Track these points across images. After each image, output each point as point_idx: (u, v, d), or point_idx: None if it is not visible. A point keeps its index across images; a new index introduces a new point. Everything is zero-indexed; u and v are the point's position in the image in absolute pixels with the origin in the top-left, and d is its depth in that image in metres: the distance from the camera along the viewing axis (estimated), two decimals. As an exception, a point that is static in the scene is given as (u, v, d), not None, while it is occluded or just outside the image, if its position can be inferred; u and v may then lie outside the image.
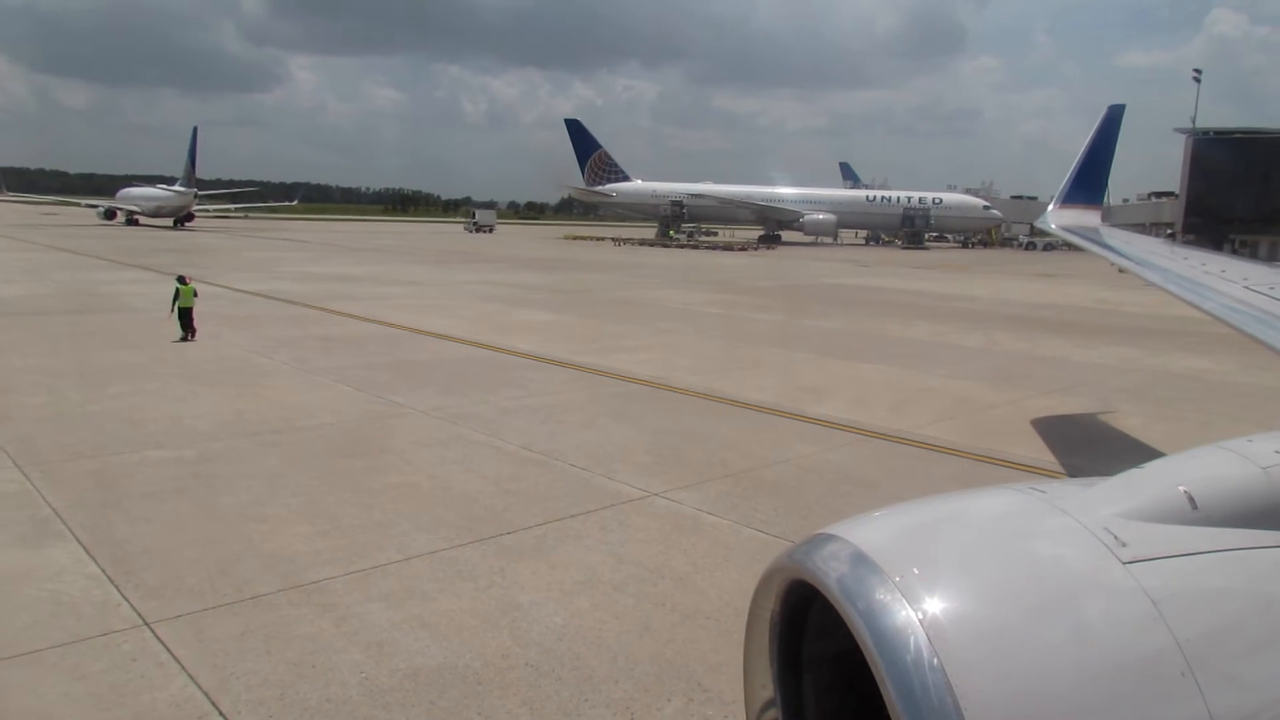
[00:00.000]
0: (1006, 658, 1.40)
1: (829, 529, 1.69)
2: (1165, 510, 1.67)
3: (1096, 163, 12.42)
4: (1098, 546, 1.57)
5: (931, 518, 1.82)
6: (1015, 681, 1.37)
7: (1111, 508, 1.67)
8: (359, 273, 36.05)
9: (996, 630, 1.44)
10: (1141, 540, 1.58)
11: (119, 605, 5.95)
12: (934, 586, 1.49)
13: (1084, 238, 11.36)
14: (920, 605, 1.45)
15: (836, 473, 9.72)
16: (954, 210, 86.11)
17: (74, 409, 11.41)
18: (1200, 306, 6.73)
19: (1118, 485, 1.78)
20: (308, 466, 9.25)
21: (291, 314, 21.80)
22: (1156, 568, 1.53)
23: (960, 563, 1.59)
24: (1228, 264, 8.06)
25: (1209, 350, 20.46)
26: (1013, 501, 1.77)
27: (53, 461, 9.07)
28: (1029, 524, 1.69)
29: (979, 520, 1.77)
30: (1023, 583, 1.53)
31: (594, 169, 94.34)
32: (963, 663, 1.37)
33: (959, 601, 1.48)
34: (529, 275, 37.59)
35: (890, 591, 1.49)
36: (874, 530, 1.70)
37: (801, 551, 1.69)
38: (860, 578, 1.54)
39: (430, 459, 9.65)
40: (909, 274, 47.04)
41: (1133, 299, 35.26)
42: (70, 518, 7.50)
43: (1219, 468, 1.83)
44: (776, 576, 1.78)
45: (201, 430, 10.49)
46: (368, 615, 5.96)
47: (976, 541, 1.67)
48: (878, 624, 1.45)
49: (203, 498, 8.15)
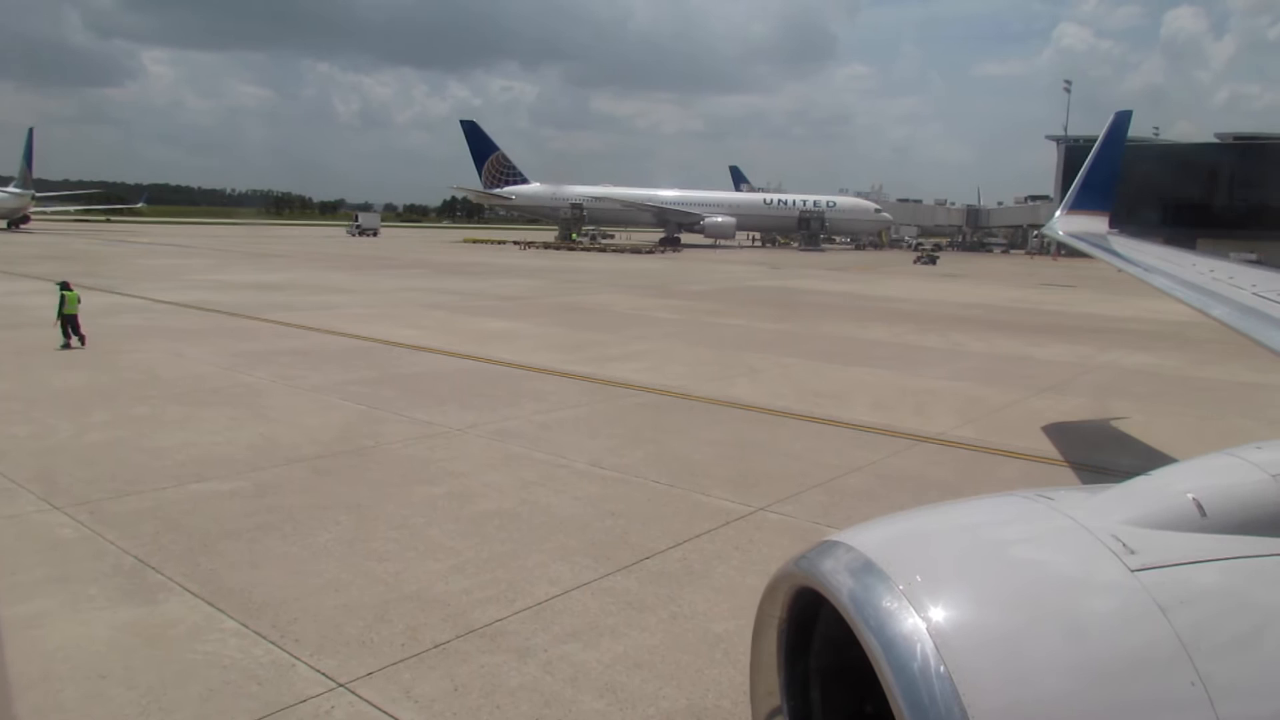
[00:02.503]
0: (1013, 665, 1.38)
1: (836, 536, 1.68)
2: (1173, 517, 1.65)
3: (1104, 169, 12.82)
4: (1106, 554, 1.55)
5: (938, 524, 1.80)
6: (1022, 689, 1.35)
7: (1119, 515, 1.65)
8: (276, 280, 34.16)
9: (1003, 637, 1.43)
10: (1150, 548, 1.56)
11: (293, 665, 5.30)
12: (941, 594, 1.47)
13: (1092, 244, 11.75)
14: (927, 612, 1.43)
15: (913, 479, 9.76)
16: (847, 213, 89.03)
17: (71, 440, 10.23)
18: (1208, 313, 6.77)
19: (1126, 492, 1.77)
20: (382, 495, 8.59)
21: (239, 327, 20.37)
22: (1165, 575, 1.51)
23: (967, 570, 1.58)
24: (1235, 270, 8.40)
25: (1146, 346, 21.85)
26: (1020, 508, 1.76)
27: (95, 500, 8.08)
28: (1036, 531, 1.68)
29: (986, 527, 1.76)
30: (1030, 590, 1.52)
31: (491, 171, 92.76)
32: (970, 670, 1.35)
33: (966, 609, 1.47)
34: (456, 281, 36.51)
35: (897, 599, 1.47)
36: (881, 537, 1.69)
37: (808, 559, 1.67)
38: (867, 585, 1.51)
39: (506, 481, 9.13)
40: (824, 275, 48.30)
41: (1044, 297, 37.36)
42: (163, 566, 6.68)
43: (1227, 475, 1.81)
44: (783, 584, 1.75)
45: (236, 458, 9.59)
46: (572, 657, 5.52)
47: (983, 548, 1.66)
48: (885, 631, 1.43)
49: (295, 536, 7.42)
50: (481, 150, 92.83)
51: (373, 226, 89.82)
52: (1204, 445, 8.84)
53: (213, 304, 24.43)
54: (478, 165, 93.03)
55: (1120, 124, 13.07)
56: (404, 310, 25.01)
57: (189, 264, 42.27)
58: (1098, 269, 68.83)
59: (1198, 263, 9.32)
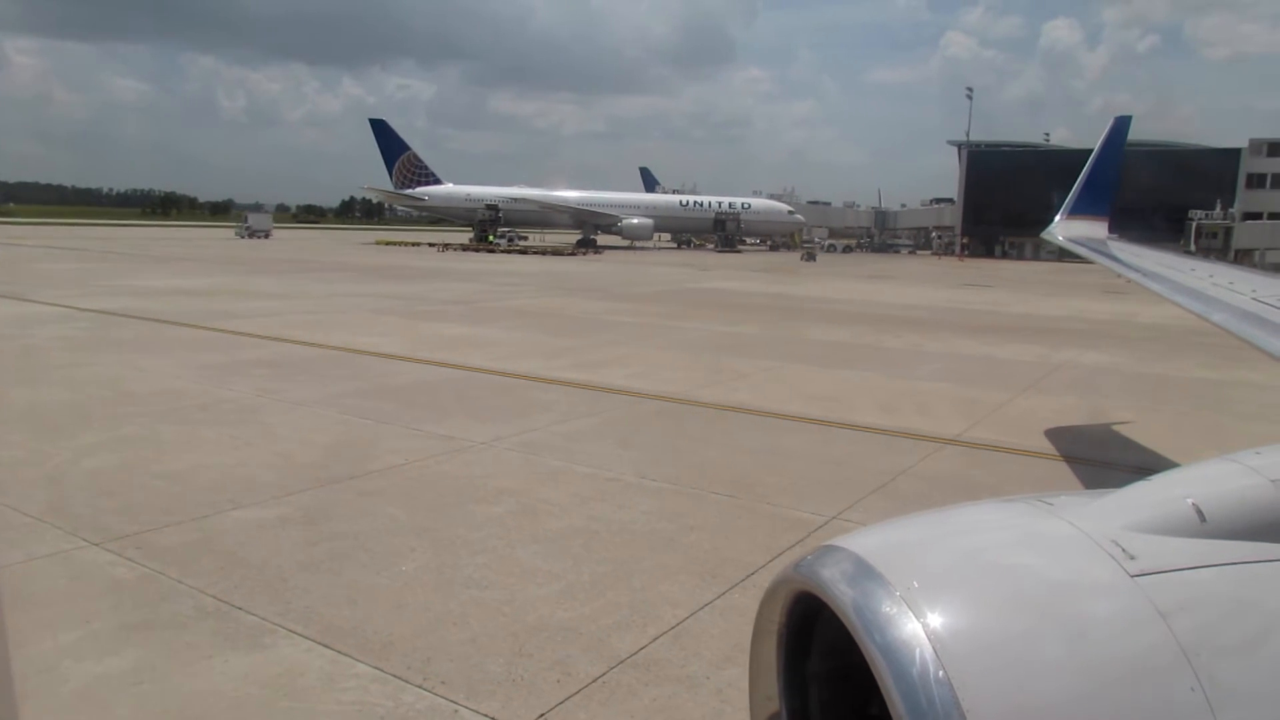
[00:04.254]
0: (1013, 670, 1.39)
1: (835, 541, 1.68)
2: (1173, 523, 1.66)
3: (1104, 174, 13.02)
4: (1105, 558, 1.55)
5: (938, 529, 1.81)
6: (1022, 694, 1.36)
7: (1119, 520, 1.67)
8: (197, 286, 32.38)
9: (1003, 642, 1.44)
10: (1150, 553, 1.57)
11: (456, 712, 4.89)
12: (940, 599, 1.48)
13: (1091, 249, 12.06)
14: (926, 617, 1.44)
15: (960, 480, 9.86)
16: (761, 215, 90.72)
17: (69, 465, 9.33)
18: (1209, 319, 6.89)
19: (1125, 497, 1.79)
20: (444, 516, 8.12)
21: (188, 337, 19.11)
22: (1165, 580, 1.52)
23: (966, 574, 1.59)
24: (1235, 275, 8.67)
25: (1092, 345, 22.86)
26: (1019, 512, 1.77)
27: (135, 534, 7.35)
28: (1036, 535, 1.68)
29: (985, 531, 1.77)
30: (1029, 594, 1.53)
31: (403, 171, 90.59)
32: (969, 675, 1.36)
33: (965, 614, 1.47)
34: (388, 285, 35.34)
35: (896, 604, 1.47)
36: (880, 542, 1.69)
37: (807, 564, 1.68)
38: (866, 590, 1.52)
39: (561, 497, 8.77)
40: (753, 277, 48.97)
41: (972, 297, 38.80)
42: (251, 605, 6.11)
43: (1227, 480, 1.82)
44: (782, 589, 1.75)
45: (263, 481, 8.93)
46: (739, 683, 5.26)
47: (983, 553, 1.66)
48: (883, 636, 1.43)
49: (377, 565, 6.92)
50: (392, 149, 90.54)
51: (264, 228, 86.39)
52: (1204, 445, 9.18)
53: (143, 312, 22.91)
54: (388, 165, 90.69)
55: (1120, 129, 13.20)
56: (354, 316, 24.04)
57: (93, 269, 39.62)
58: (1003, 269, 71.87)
59: (1197, 268, 9.58)
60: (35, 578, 6.47)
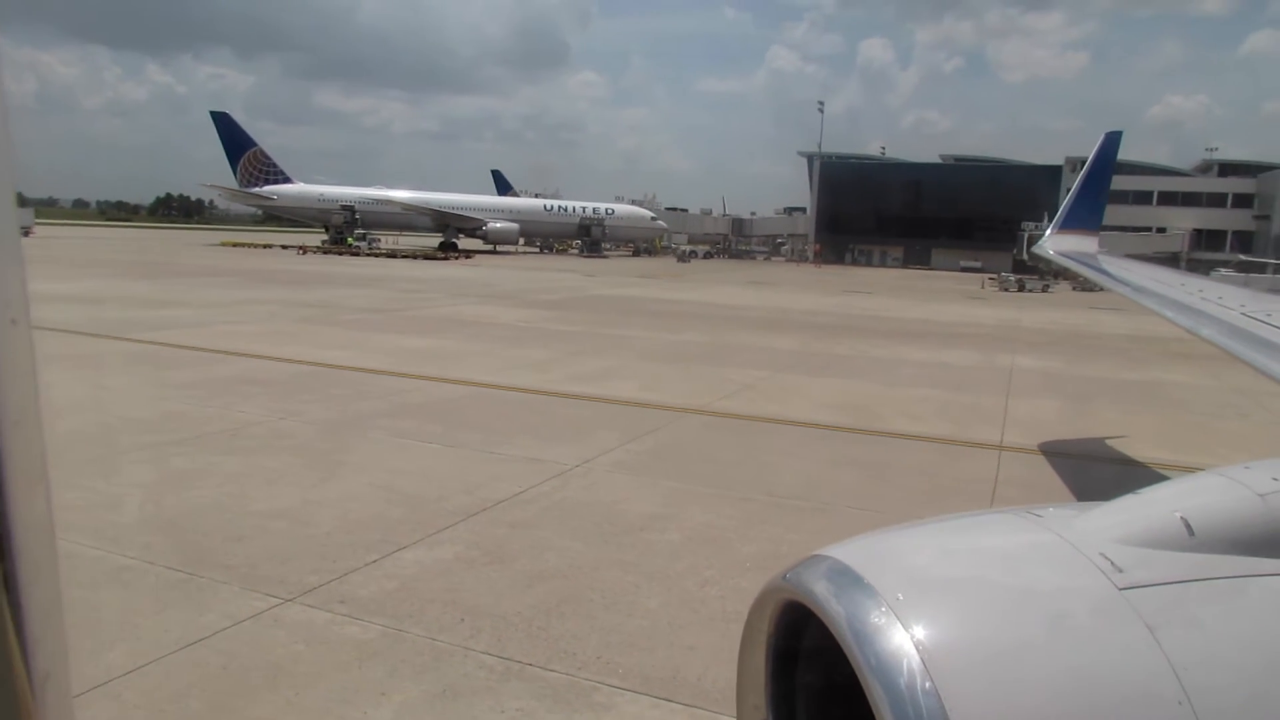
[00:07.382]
0: (1000, 682, 1.41)
1: (824, 550, 1.71)
2: (1161, 536, 1.67)
3: (1094, 188, 13.64)
4: (1093, 571, 1.56)
5: (927, 540, 1.82)
6: (1009, 706, 1.38)
7: (1108, 533, 1.68)
8: (77, 291, 28.93)
9: (991, 654, 1.45)
10: (1138, 566, 1.58)
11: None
12: (928, 609, 1.50)
13: (1082, 263, 12.89)
14: (914, 629, 1.45)
15: (1041, 487, 10.39)
16: (625, 220, 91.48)
17: (155, 508, 8.20)
18: (1198, 333, 7.06)
19: (1114, 510, 1.80)
20: (624, 546, 7.75)
21: (130, 351, 17.16)
22: (1153, 594, 1.53)
23: (955, 586, 1.61)
24: (1223, 290, 8.67)
25: (1030, 350, 24.52)
26: (1009, 524, 1.79)
27: (318, 586, 6.53)
28: (1025, 547, 1.70)
29: (975, 543, 1.80)
30: (1018, 606, 1.55)
31: (249, 168, 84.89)
32: (956, 686, 1.37)
33: (953, 625, 1.49)
34: (285, 292, 33.02)
35: (884, 614, 1.48)
36: (869, 552, 1.70)
37: (796, 573, 1.69)
38: (854, 600, 1.53)
39: (719, 521, 8.55)
40: (643, 283, 49.35)
41: (867, 304, 40.74)
42: (537, 659, 5.61)
43: (1215, 494, 1.83)
44: (771, 598, 1.77)
45: (398, 518, 8.19)
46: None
47: (972, 564, 1.70)
48: (871, 647, 1.45)
49: (621, 606, 6.52)
50: (237, 145, 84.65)
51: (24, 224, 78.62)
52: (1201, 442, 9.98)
53: (38, 320, 20.31)
54: (232, 161, 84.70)
55: (1110, 144, 13.71)
56: (286, 326, 22.37)
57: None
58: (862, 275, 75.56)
59: (1186, 282, 10.22)
60: (266, 646, 5.67)
